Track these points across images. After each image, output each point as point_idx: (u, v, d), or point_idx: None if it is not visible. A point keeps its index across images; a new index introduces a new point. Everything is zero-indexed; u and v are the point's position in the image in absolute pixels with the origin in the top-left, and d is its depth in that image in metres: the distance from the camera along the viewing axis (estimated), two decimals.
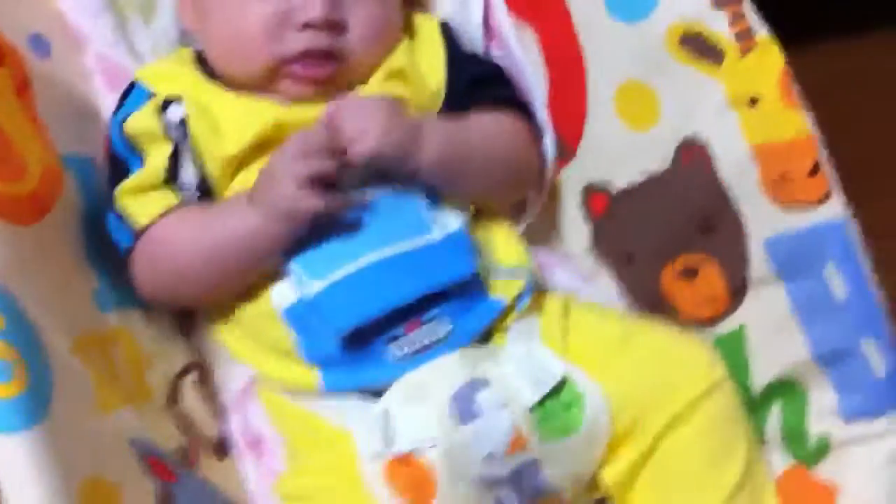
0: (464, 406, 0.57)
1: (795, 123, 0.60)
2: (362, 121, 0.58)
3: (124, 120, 0.63)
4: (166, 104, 0.63)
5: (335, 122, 0.59)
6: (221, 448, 0.66)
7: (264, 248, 0.59)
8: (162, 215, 0.61)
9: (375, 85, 0.64)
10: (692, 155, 0.64)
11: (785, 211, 0.61)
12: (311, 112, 0.61)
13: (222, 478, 0.63)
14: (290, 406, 0.62)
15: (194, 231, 0.60)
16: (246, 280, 0.61)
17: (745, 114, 0.61)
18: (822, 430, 0.62)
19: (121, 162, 0.63)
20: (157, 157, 0.62)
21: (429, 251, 0.60)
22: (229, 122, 0.62)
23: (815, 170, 0.59)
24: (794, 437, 0.64)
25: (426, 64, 0.67)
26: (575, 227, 0.73)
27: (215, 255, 0.60)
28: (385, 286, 0.59)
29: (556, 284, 0.71)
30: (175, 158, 0.62)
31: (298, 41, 0.61)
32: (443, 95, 0.67)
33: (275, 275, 0.60)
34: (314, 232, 0.59)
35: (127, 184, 0.62)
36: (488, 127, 0.65)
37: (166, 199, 0.62)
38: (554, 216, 0.75)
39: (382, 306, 0.58)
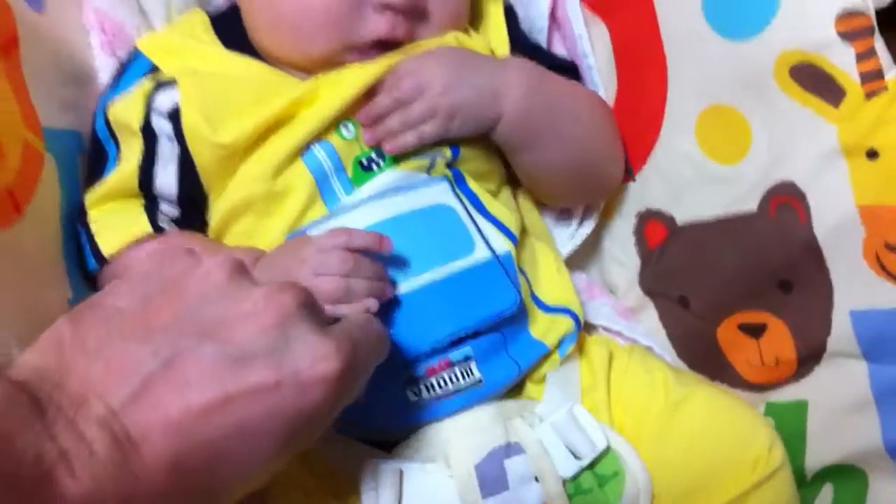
0: (490, 475, 0.50)
1: None
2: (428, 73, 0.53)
3: (112, 100, 0.55)
4: (158, 87, 0.55)
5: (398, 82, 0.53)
6: None
7: None
8: (129, 246, 0.53)
9: None
10: (784, 203, 0.56)
11: (884, 284, 0.53)
12: (336, 87, 0.53)
13: None
14: None
15: None
16: None
17: (859, 167, 0.52)
18: None
19: (101, 148, 0.56)
20: (129, 159, 0.54)
21: (470, 277, 0.52)
22: (237, 100, 0.53)
23: None
24: None
25: (489, 50, 0.61)
26: (623, 254, 0.67)
27: None
28: (416, 322, 0.50)
29: (592, 320, 0.64)
30: (149, 161, 0.54)
31: (378, 25, 0.53)
32: None
33: None
34: None
35: (97, 190, 0.55)
36: (576, 89, 0.61)
37: (136, 224, 0.54)
38: (599, 238, 0.67)
39: (413, 347, 0.50)
